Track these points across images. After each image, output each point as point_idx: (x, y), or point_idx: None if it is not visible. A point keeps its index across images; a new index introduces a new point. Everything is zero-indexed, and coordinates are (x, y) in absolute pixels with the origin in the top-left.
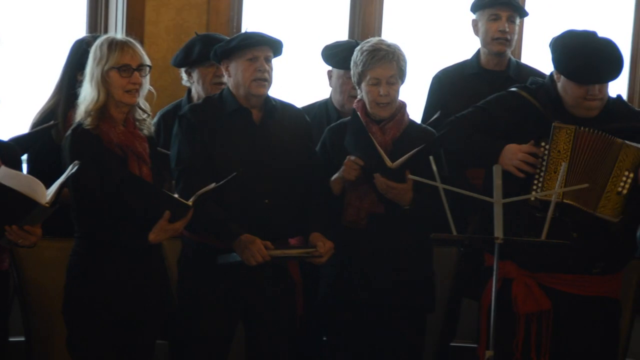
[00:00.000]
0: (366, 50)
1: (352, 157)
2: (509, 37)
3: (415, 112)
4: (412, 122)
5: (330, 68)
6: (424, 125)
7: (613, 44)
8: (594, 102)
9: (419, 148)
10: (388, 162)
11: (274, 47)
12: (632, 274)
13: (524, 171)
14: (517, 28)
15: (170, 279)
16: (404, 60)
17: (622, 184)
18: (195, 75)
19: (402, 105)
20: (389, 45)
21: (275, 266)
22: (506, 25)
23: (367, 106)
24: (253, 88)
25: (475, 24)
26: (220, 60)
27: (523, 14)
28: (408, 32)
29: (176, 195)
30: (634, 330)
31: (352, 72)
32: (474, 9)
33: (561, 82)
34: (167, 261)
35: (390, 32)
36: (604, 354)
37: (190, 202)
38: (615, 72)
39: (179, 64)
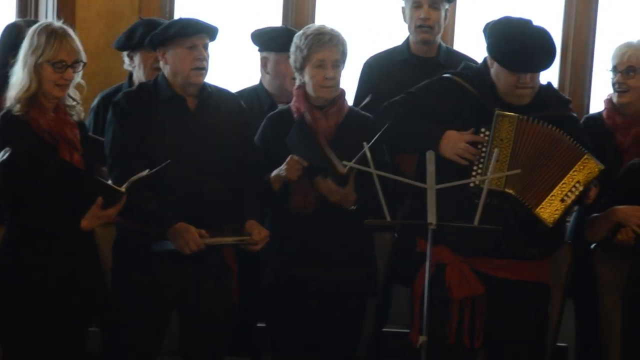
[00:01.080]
0: (311, 34)
1: (296, 157)
2: (431, 24)
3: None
4: (352, 108)
5: (265, 54)
6: (362, 112)
7: (547, 34)
8: (525, 90)
9: (363, 150)
10: (340, 168)
11: (211, 34)
12: (563, 259)
13: (467, 159)
14: (443, 14)
15: (103, 265)
16: (345, 47)
17: (569, 193)
18: (136, 59)
19: (343, 92)
20: (332, 30)
21: (210, 254)
22: (429, 12)
23: (311, 90)
24: (192, 77)
25: (403, 11)
26: (156, 47)
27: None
28: (341, 18)
29: (109, 182)
30: (564, 315)
31: (293, 57)
32: None
33: (494, 69)
34: (101, 248)
35: (324, 19)
36: (535, 338)
37: (123, 189)
38: (547, 62)
39: (120, 47)
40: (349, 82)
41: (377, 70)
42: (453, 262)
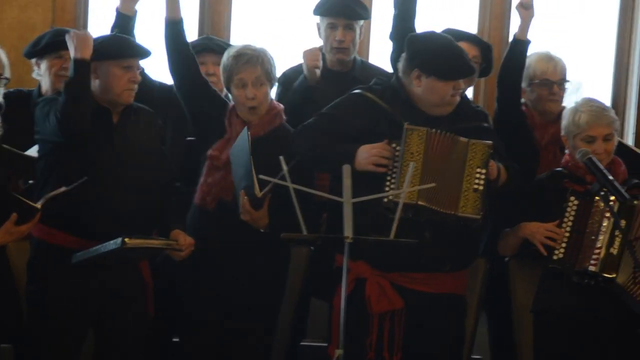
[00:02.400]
0: (232, 54)
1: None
2: (346, 46)
3: None
4: (283, 125)
5: None
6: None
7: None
8: (456, 97)
9: (280, 176)
10: (257, 191)
11: (145, 56)
12: (478, 272)
13: (383, 165)
14: (358, 32)
15: (17, 282)
16: (270, 64)
17: (476, 181)
18: (43, 65)
19: (275, 108)
20: (254, 50)
21: (126, 265)
22: (344, 34)
23: (237, 110)
24: (124, 97)
25: (318, 27)
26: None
27: (365, 17)
28: (257, 31)
29: (23, 198)
30: (479, 326)
31: (222, 78)
32: (316, 12)
33: (425, 85)
34: (14, 264)
35: (240, 31)
36: (453, 350)
37: (38, 205)
38: (474, 67)
39: (27, 54)
40: None
41: (293, 83)
42: (372, 277)
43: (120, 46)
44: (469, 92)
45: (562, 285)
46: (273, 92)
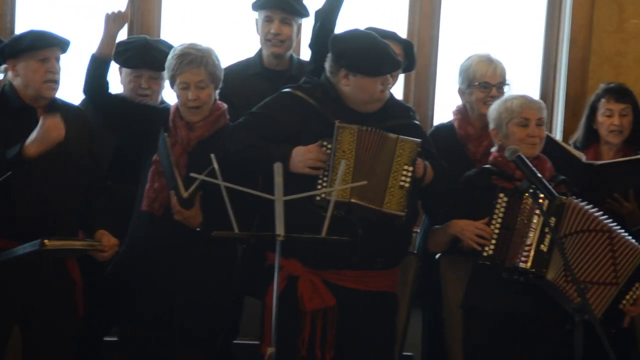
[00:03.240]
0: (176, 54)
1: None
2: (282, 39)
3: None
4: (229, 125)
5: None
6: None
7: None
8: (385, 93)
9: (207, 171)
10: (182, 192)
11: (64, 46)
12: (409, 269)
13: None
14: (295, 29)
15: None
16: (215, 65)
17: (403, 178)
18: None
19: (219, 108)
20: (198, 50)
21: (54, 264)
22: (280, 27)
23: (180, 110)
24: (44, 90)
25: (256, 22)
26: (7, 59)
27: (303, 14)
28: (188, 28)
29: None
30: (410, 323)
31: (166, 75)
32: (253, 7)
33: (354, 83)
34: None
35: (170, 29)
36: (384, 347)
37: None
38: (399, 61)
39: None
40: None
41: (230, 83)
42: (304, 275)
43: (34, 39)
44: (399, 92)
45: (491, 281)
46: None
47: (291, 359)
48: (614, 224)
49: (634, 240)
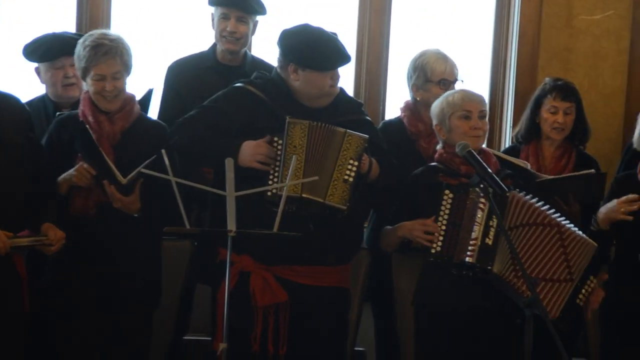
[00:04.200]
0: (89, 45)
1: (85, 165)
2: (238, 37)
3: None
4: (142, 115)
5: (37, 65)
6: (153, 119)
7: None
8: (335, 88)
9: (150, 159)
10: (119, 178)
11: None
12: (361, 264)
13: (267, 164)
14: (252, 27)
15: None
16: (128, 54)
17: (347, 172)
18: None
19: (131, 98)
20: (112, 40)
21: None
22: (236, 25)
23: (93, 98)
24: None
25: (212, 17)
26: None
27: (260, 12)
28: (137, 23)
29: None
30: (362, 318)
31: (76, 64)
32: (210, 2)
33: (303, 78)
34: None
35: (120, 24)
36: (337, 341)
37: None
38: (349, 55)
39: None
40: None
41: (182, 75)
42: (256, 271)
43: None
44: (350, 87)
45: (441, 278)
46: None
47: (243, 355)
48: (562, 218)
49: (583, 234)
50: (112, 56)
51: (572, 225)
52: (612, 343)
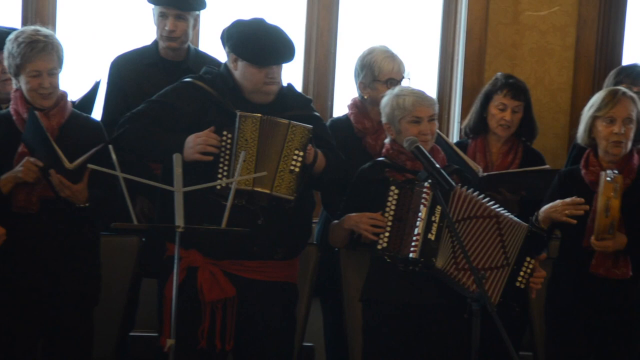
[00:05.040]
0: (24, 41)
1: (32, 159)
2: (177, 35)
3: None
4: (74, 111)
5: None
6: (84, 115)
7: (282, 29)
8: (273, 85)
9: (97, 148)
10: (66, 164)
11: None
12: (309, 259)
13: (212, 162)
14: (191, 22)
15: None
16: (61, 48)
17: (293, 162)
18: None
19: (64, 94)
20: (46, 36)
21: None
22: (175, 23)
23: (27, 95)
24: None
25: (153, 13)
26: None
27: (197, 8)
28: (84, 18)
29: None
30: (310, 314)
31: (7, 62)
32: (149, 0)
33: (240, 69)
34: None
35: (66, 19)
36: (285, 337)
37: None
38: (291, 54)
39: None
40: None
41: (125, 71)
42: (204, 266)
43: None
44: (299, 83)
45: (389, 274)
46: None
47: (191, 350)
48: (500, 208)
49: (517, 219)
50: (48, 52)
51: (507, 212)
52: (556, 336)
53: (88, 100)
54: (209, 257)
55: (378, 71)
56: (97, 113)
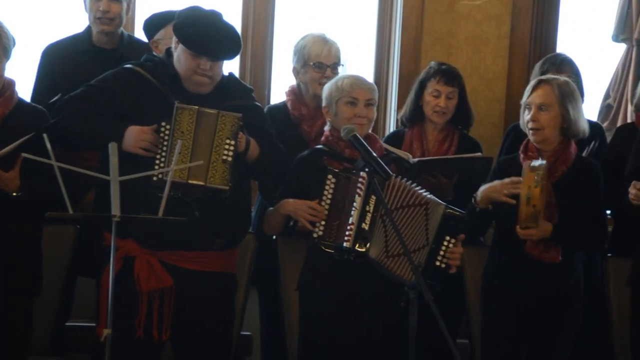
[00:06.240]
0: None
1: None
2: (111, 16)
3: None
4: (22, 101)
5: None
6: (32, 104)
7: (235, 30)
8: (203, 78)
9: (28, 136)
10: None
11: None
12: (247, 249)
13: (150, 151)
14: (125, 5)
15: None
16: (8, 37)
17: (225, 152)
18: None
19: (11, 83)
20: None
21: None
22: (108, 5)
23: None
24: None
25: (84, 0)
26: None
27: None
28: (17, 5)
29: None
30: (248, 303)
31: None
32: None
33: (178, 51)
34: None
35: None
36: (223, 327)
37: None
38: (232, 53)
39: None
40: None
41: (57, 59)
42: (141, 255)
43: None
44: (235, 70)
45: (325, 262)
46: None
47: (127, 340)
48: (432, 196)
49: (435, 197)
50: None
51: (429, 193)
52: (490, 322)
53: None
54: (146, 247)
55: (307, 55)
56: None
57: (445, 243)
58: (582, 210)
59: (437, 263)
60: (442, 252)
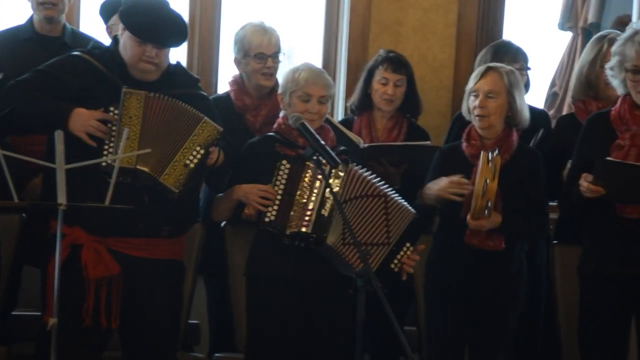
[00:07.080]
0: None
1: None
2: (55, 2)
3: None
4: None
5: None
6: None
7: (182, 19)
8: (149, 65)
9: None
10: None
11: None
12: (195, 237)
13: (96, 139)
14: None
15: None
16: None
17: (191, 157)
18: None
19: None
20: None
21: None
22: None
23: None
24: None
25: None
26: None
27: None
28: None
29: None
30: (195, 291)
31: None
32: None
33: (124, 38)
34: None
35: None
36: (170, 315)
37: None
38: (177, 40)
39: None
40: None
41: (1, 49)
42: (88, 243)
43: None
44: (182, 59)
45: (273, 248)
46: None
47: (75, 328)
48: (390, 188)
49: (406, 203)
50: None
51: (397, 195)
52: (434, 309)
53: None
54: (93, 234)
55: (248, 45)
56: None
57: (405, 249)
58: (524, 198)
59: (392, 266)
60: (399, 257)
